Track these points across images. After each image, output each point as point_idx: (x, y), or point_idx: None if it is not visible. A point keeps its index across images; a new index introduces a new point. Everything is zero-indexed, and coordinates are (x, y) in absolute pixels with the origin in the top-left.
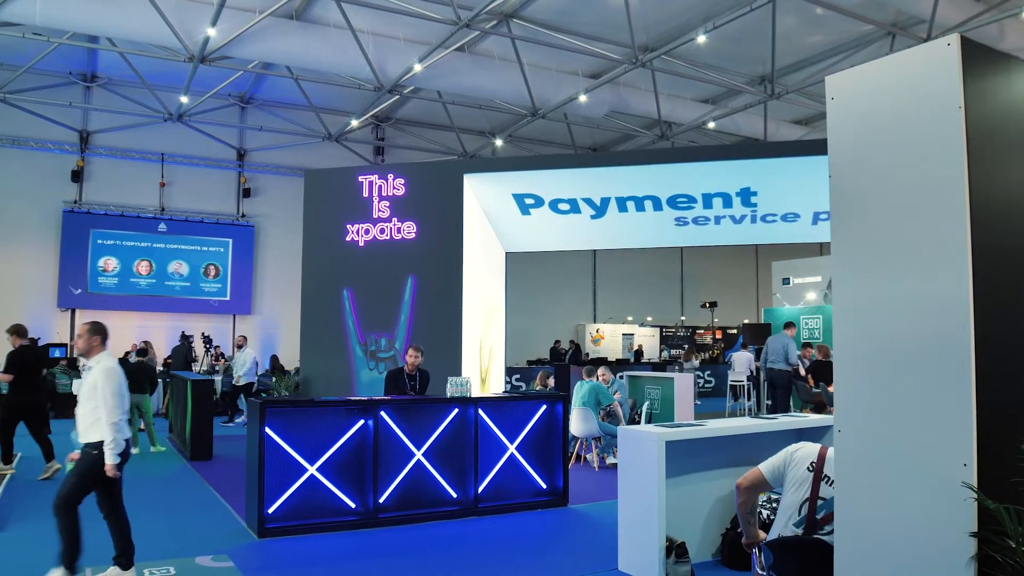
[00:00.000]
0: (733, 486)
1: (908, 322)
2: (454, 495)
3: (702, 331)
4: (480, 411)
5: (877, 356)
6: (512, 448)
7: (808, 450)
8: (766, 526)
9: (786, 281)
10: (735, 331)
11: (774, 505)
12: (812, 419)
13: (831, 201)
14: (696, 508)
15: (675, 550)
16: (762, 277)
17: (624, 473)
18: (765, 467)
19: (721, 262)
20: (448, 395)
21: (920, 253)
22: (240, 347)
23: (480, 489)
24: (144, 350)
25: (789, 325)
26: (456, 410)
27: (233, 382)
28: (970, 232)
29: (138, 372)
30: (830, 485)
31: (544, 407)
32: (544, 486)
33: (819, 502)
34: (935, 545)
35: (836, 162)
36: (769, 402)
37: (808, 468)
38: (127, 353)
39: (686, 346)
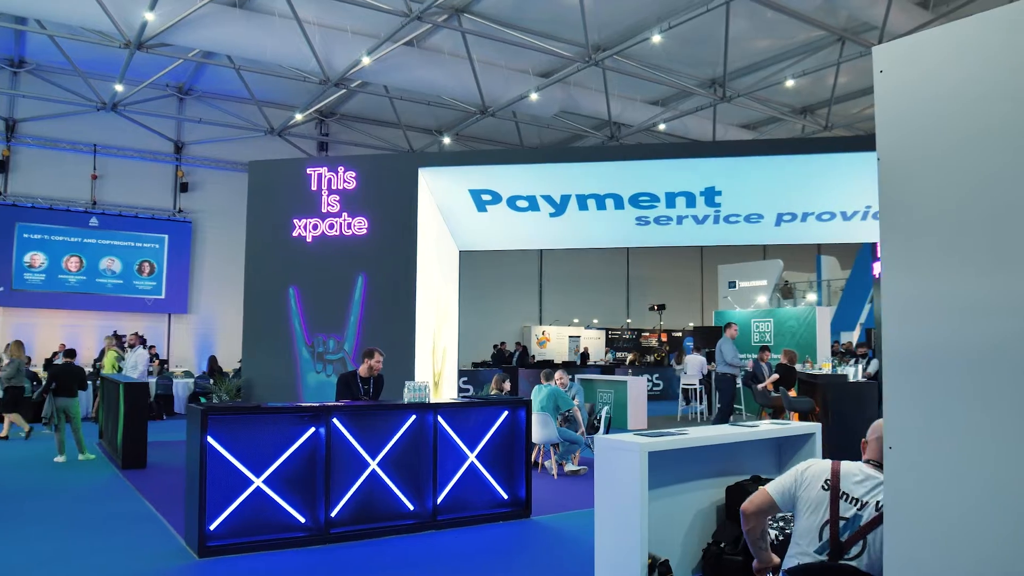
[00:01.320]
0: (714, 498)
1: (978, 325)
2: (411, 507)
3: (647, 334)
4: (439, 418)
5: (939, 364)
6: (472, 457)
7: (820, 467)
8: (774, 547)
9: (732, 284)
10: (680, 334)
11: (780, 523)
12: (794, 426)
13: (879, 187)
14: (675, 522)
15: (658, 568)
16: (708, 280)
17: (601, 486)
18: (774, 489)
19: (667, 265)
20: (405, 401)
21: (993, 246)
22: (132, 347)
23: (439, 500)
24: (72, 351)
25: (728, 326)
26: (414, 417)
27: None
28: None
29: (65, 374)
30: (850, 503)
31: (506, 413)
32: (506, 496)
33: (841, 523)
34: None
35: (886, 144)
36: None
37: (823, 487)
38: (54, 354)
39: (678, 349)
